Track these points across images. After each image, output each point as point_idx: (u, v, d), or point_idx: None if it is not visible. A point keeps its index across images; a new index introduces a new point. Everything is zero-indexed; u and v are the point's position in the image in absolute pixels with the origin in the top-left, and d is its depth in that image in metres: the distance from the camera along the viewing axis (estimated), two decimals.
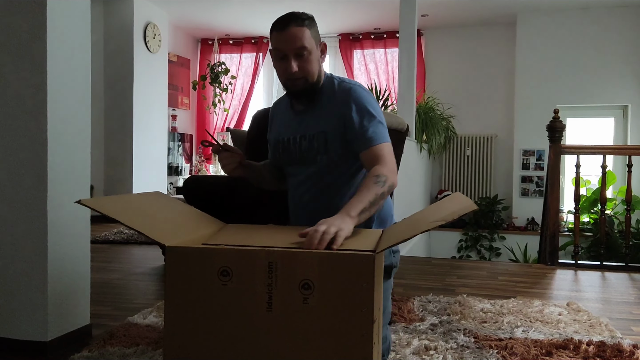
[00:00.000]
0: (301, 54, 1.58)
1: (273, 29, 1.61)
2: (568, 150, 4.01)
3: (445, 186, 7.20)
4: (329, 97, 1.66)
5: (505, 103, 7.00)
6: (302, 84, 1.61)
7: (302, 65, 1.59)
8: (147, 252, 3.98)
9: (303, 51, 1.58)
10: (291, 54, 1.58)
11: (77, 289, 1.96)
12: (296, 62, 1.58)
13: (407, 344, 1.86)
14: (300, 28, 1.58)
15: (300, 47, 1.57)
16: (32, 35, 1.79)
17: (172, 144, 7.23)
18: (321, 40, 1.68)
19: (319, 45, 1.66)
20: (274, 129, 1.81)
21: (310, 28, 1.61)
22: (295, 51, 1.58)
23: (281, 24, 1.59)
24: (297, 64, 1.58)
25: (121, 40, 6.23)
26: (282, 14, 1.63)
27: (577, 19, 6.45)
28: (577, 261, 3.82)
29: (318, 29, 1.67)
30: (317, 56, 1.64)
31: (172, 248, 1.16)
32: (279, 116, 1.81)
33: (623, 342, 1.92)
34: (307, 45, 1.58)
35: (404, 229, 1.29)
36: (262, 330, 1.12)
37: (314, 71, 1.62)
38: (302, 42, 1.57)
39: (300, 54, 1.58)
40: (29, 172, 1.80)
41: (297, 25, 1.58)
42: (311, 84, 1.63)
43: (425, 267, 3.58)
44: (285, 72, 1.61)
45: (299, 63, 1.59)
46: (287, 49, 1.58)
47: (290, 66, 1.58)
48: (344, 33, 7.49)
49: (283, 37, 1.58)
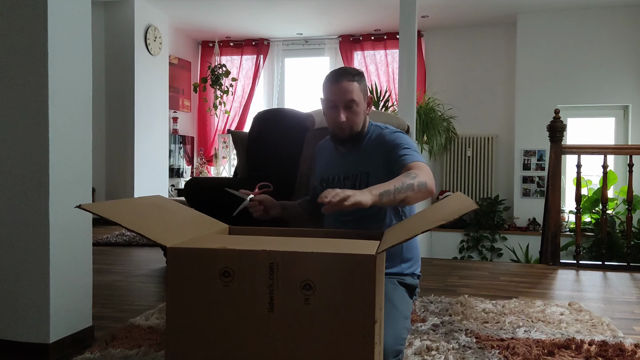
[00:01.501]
0: (350, 106, 1.75)
1: (327, 81, 1.78)
2: (569, 150, 4.00)
3: (446, 187, 7.20)
4: (372, 142, 1.84)
5: (505, 103, 7.00)
6: (348, 132, 1.79)
7: (350, 117, 1.76)
8: (149, 254, 3.99)
9: (352, 104, 1.75)
10: (341, 105, 1.75)
11: (79, 291, 1.96)
12: (345, 113, 1.75)
13: (408, 345, 1.85)
14: (351, 83, 1.75)
15: (350, 100, 1.75)
16: (33, 39, 1.79)
17: (174, 146, 7.24)
18: (368, 94, 1.85)
19: (366, 99, 1.82)
20: (319, 168, 1.99)
21: (360, 83, 1.78)
22: (345, 103, 1.75)
23: (335, 76, 1.77)
24: (345, 115, 1.75)
25: (122, 43, 6.24)
26: (336, 68, 1.82)
27: (577, 18, 6.45)
28: (578, 261, 3.82)
29: (366, 84, 1.84)
30: (364, 108, 1.81)
31: (174, 249, 1.16)
32: (324, 156, 1.98)
33: (625, 342, 1.92)
34: (356, 98, 1.75)
35: (405, 229, 1.29)
36: (264, 330, 1.12)
37: (359, 122, 1.80)
38: (351, 95, 1.74)
39: (349, 106, 1.75)
40: (31, 175, 1.81)
41: (348, 80, 1.75)
42: (356, 133, 1.81)
43: (427, 268, 3.58)
44: (334, 120, 1.78)
45: (347, 114, 1.76)
46: (337, 100, 1.75)
47: (339, 116, 1.75)
48: (345, 34, 7.50)
49: (335, 89, 1.75)
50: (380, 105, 6.37)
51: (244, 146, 3.13)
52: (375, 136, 1.85)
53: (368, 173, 1.80)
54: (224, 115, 7.79)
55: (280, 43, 7.85)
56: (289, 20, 7.00)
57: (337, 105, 1.76)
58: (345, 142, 1.84)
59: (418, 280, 1.96)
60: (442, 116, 6.70)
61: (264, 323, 1.12)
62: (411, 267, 1.92)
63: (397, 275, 1.86)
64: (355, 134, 1.81)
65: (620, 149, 5.15)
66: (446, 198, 1.41)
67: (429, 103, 6.62)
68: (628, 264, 3.75)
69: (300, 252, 1.13)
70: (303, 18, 6.89)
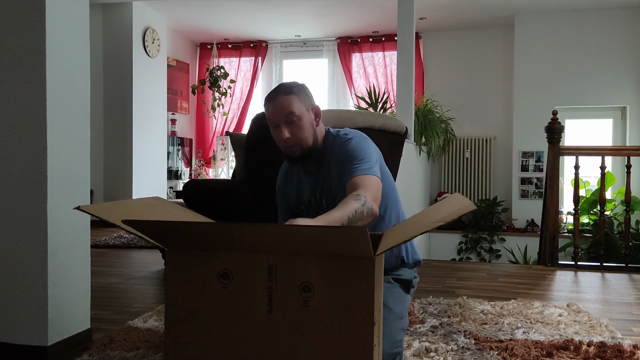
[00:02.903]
0: (291, 120, 1.64)
1: (265, 102, 1.69)
2: (567, 151, 4.01)
3: (444, 188, 7.20)
4: (330, 156, 1.72)
5: (503, 105, 7.02)
6: (298, 150, 1.67)
7: (293, 132, 1.65)
8: (147, 256, 3.98)
9: (292, 117, 1.64)
10: (282, 122, 1.64)
11: (78, 293, 1.96)
12: (287, 129, 1.64)
13: (407, 346, 1.86)
14: (287, 96, 1.64)
15: (289, 114, 1.63)
16: (31, 41, 1.79)
17: (172, 148, 7.24)
18: (313, 105, 1.72)
19: (311, 110, 1.70)
20: (292, 189, 1.86)
21: (299, 95, 1.67)
22: (285, 119, 1.64)
23: (270, 95, 1.68)
24: (288, 130, 1.64)
25: (120, 44, 6.24)
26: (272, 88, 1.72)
27: (574, 20, 6.47)
28: (577, 262, 3.82)
29: (310, 94, 1.72)
30: (310, 120, 1.69)
31: (173, 251, 1.16)
32: (295, 177, 1.85)
33: (623, 343, 1.93)
34: (295, 110, 1.64)
35: (404, 231, 1.29)
36: (263, 332, 1.12)
37: (307, 137, 1.67)
38: (289, 108, 1.63)
39: (290, 121, 1.64)
40: (29, 177, 1.81)
41: (285, 94, 1.65)
42: (308, 149, 1.68)
43: (425, 269, 3.58)
44: (280, 140, 1.68)
45: (290, 129, 1.65)
46: (277, 118, 1.65)
47: (282, 133, 1.64)
48: (343, 36, 7.51)
49: (272, 108, 1.66)
50: (379, 107, 6.37)
51: (242, 148, 3.12)
52: (336, 148, 1.72)
53: (331, 190, 1.71)
54: (222, 117, 7.79)
55: (279, 45, 7.86)
56: (287, 22, 7.01)
57: (279, 124, 1.65)
58: (299, 161, 1.72)
59: (414, 269, 1.87)
60: (440, 118, 6.71)
61: (262, 325, 1.12)
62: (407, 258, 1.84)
63: (391, 269, 1.80)
64: (307, 151, 1.68)
65: (618, 150, 5.16)
66: (444, 199, 1.41)
67: (427, 105, 6.62)
68: (626, 265, 3.76)
69: (299, 254, 1.13)
70: (301, 20, 6.90)
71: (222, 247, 1.14)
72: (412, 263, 1.87)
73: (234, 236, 1.12)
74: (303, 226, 1.18)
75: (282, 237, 1.09)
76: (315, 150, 1.71)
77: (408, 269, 1.86)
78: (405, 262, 1.84)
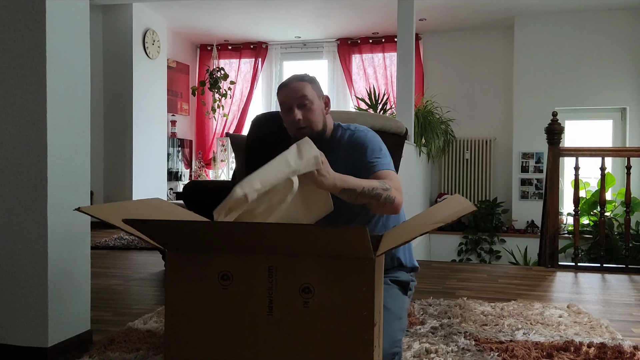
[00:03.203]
0: (303, 104, 1.73)
1: (278, 89, 1.79)
2: (567, 152, 4.01)
3: (444, 190, 7.20)
4: (341, 146, 1.79)
5: (503, 106, 7.02)
6: (307, 132, 1.73)
7: (305, 114, 1.73)
8: (147, 258, 3.98)
9: (305, 100, 1.73)
10: (294, 104, 1.73)
11: (78, 294, 1.96)
12: (300, 112, 1.73)
13: (407, 347, 1.85)
14: (300, 82, 1.75)
15: (302, 97, 1.73)
16: (32, 43, 1.79)
17: (172, 149, 7.24)
18: (323, 94, 1.82)
19: (322, 98, 1.80)
20: None
21: (311, 83, 1.77)
22: (298, 101, 1.73)
23: (284, 82, 1.79)
24: (301, 113, 1.73)
25: (120, 46, 6.25)
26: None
27: (574, 22, 6.47)
28: (577, 263, 3.82)
29: (320, 86, 1.82)
30: (320, 107, 1.78)
31: (173, 252, 1.16)
32: None
33: (624, 344, 1.93)
34: (308, 94, 1.74)
35: (404, 232, 1.29)
36: (263, 333, 1.12)
37: (317, 120, 1.75)
38: (302, 92, 1.73)
39: (302, 104, 1.73)
40: (29, 178, 1.81)
41: (297, 80, 1.76)
42: (317, 132, 1.75)
43: (426, 271, 3.58)
44: (292, 122, 1.75)
45: (303, 112, 1.73)
46: (289, 101, 1.74)
47: (294, 115, 1.72)
48: (343, 38, 7.52)
49: (286, 91, 1.75)
50: (379, 108, 6.37)
51: (243, 149, 3.12)
52: (347, 138, 1.80)
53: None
54: (222, 119, 7.79)
55: (279, 46, 7.86)
56: (287, 24, 7.01)
57: (291, 107, 1.74)
58: None
59: (412, 274, 1.92)
60: (440, 119, 6.71)
61: (263, 326, 1.12)
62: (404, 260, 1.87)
63: (389, 270, 1.82)
64: (316, 134, 1.75)
65: (618, 151, 5.16)
66: (444, 200, 1.41)
67: (427, 106, 6.62)
68: (626, 266, 3.75)
69: (300, 255, 1.13)
70: (301, 21, 6.91)
71: (222, 248, 1.14)
72: (410, 267, 1.90)
73: (234, 235, 1.12)
74: (303, 225, 1.19)
75: (283, 235, 1.09)
76: (323, 137, 1.78)
77: (405, 272, 1.88)
78: (403, 265, 1.86)
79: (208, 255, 1.15)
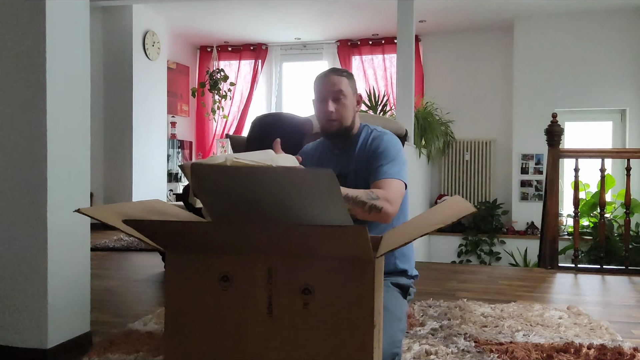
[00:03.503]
0: (338, 97, 1.78)
1: (316, 78, 1.85)
2: (567, 154, 4.01)
3: (444, 191, 7.20)
4: (362, 143, 1.85)
5: (503, 107, 7.02)
6: (336, 125, 1.79)
7: (338, 108, 1.78)
8: (147, 259, 3.98)
9: (339, 95, 1.78)
10: (329, 97, 1.78)
11: (77, 296, 1.96)
12: (334, 104, 1.78)
13: (407, 349, 1.85)
14: (339, 77, 1.80)
15: (338, 91, 1.78)
16: (32, 44, 1.79)
17: (172, 150, 7.24)
18: (357, 92, 1.88)
19: (355, 96, 1.86)
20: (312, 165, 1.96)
21: (349, 79, 1.83)
22: (333, 95, 1.78)
23: (323, 72, 1.84)
24: (334, 106, 1.78)
25: (120, 48, 6.25)
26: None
27: (574, 23, 6.48)
28: (577, 265, 3.82)
29: (355, 84, 1.88)
30: (353, 104, 1.83)
31: (172, 254, 1.16)
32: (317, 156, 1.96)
33: (623, 346, 1.92)
34: (344, 90, 1.79)
35: (404, 233, 1.29)
36: (262, 335, 1.12)
37: (348, 116, 1.81)
38: (339, 86, 1.78)
39: (337, 98, 1.78)
40: (29, 179, 1.81)
41: (336, 74, 1.81)
42: (345, 128, 1.81)
43: (425, 272, 3.57)
44: (323, 113, 1.80)
45: (336, 106, 1.78)
46: (325, 92, 1.79)
47: (327, 106, 1.77)
48: (343, 39, 7.52)
49: (323, 82, 1.80)
50: (378, 109, 6.38)
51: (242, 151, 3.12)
52: (366, 137, 1.85)
53: (355, 170, 1.81)
54: (222, 120, 7.80)
55: (279, 48, 7.87)
56: (287, 25, 7.02)
57: (326, 98, 1.78)
58: (334, 136, 1.84)
59: (412, 280, 1.96)
60: (439, 120, 6.72)
61: (262, 327, 1.12)
62: (404, 264, 1.91)
63: (390, 274, 1.85)
64: (344, 129, 1.81)
65: (618, 152, 5.17)
66: (444, 201, 1.41)
67: (427, 107, 6.63)
68: (626, 267, 3.75)
69: (299, 256, 1.13)
70: (301, 23, 6.91)
71: (222, 249, 1.14)
72: (411, 275, 1.94)
73: (233, 236, 1.12)
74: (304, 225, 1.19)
75: (283, 235, 1.09)
76: (349, 133, 1.84)
77: (406, 278, 1.91)
78: (402, 271, 1.90)
79: (208, 256, 1.15)
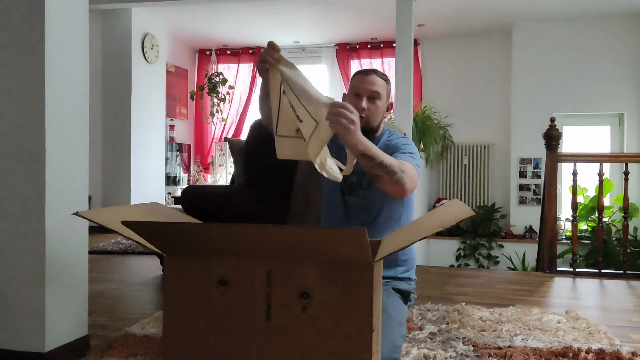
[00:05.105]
0: (373, 97, 1.83)
1: (357, 73, 1.89)
2: (565, 158, 4.02)
3: (442, 195, 7.21)
4: (383, 142, 1.90)
5: (501, 111, 7.03)
6: (364, 122, 1.77)
7: (370, 107, 1.83)
8: (145, 263, 3.97)
9: (376, 95, 1.83)
10: (365, 94, 1.83)
11: (75, 299, 1.95)
12: (367, 103, 1.83)
13: (406, 353, 1.85)
14: (379, 79, 1.86)
15: (375, 92, 1.83)
16: (30, 47, 1.79)
17: (170, 154, 7.24)
18: (390, 98, 1.94)
19: (388, 101, 1.91)
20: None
21: (387, 83, 1.89)
22: (370, 94, 1.83)
23: (366, 70, 1.89)
24: (367, 104, 1.82)
25: (119, 51, 6.26)
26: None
27: (572, 27, 6.50)
28: (575, 269, 3.82)
29: (390, 91, 1.95)
30: (384, 107, 1.88)
31: (171, 257, 1.16)
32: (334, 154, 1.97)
33: (622, 350, 1.92)
34: (381, 91, 1.84)
35: (403, 237, 1.29)
36: (261, 338, 1.12)
37: (377, 118, 1.86)
38: (377, 88, 1.84)
39: (372, 97, 1.83)
40: (27, 182, 1.80)
41: (378, 76, 1.86)
42: (370, 128, 1.84)
43: (424, 276, 3.57)
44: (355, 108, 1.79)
45: (369, 105, 1.83)
46: (363, 89, 1.83)
47: (361, 103, 1.81)
48: (341, 43, 7.53)
49: (364, 79, 1.84)
50: None
51: (241, 154, 3.13)
52: (386, 138, 1.91)
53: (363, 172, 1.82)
54: (220, 123, 7.80)
55: None
56: (286, 29, 7.03)
57: (362, 95, 1.82)
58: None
59: (413, 285, 1.98)
60: (438, 124, 6.73)
61: (261, 331, 1.12)
62: (406, 272, 1.94)
63: (391, 279, 1.87)
64: (369, 128, 1.83)
65: (616, 157, 5.18)
66: (443, 205, 1.41)
67: (426, 111, 6.64)
68: (624, 271, 3.75)
69: (298, 260, 1.12)
70: (300, 26, 6.92)
71: (220, 252, 1.14)
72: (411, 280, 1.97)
73: (232, 239, 1.12)
74: (303, 227, 1.19)
75: (282, 237, 1.09)
76: (373, 133, 1.86)
77: (406, 283, 1.92)
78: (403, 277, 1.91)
79: (206, 259, 1.15)
